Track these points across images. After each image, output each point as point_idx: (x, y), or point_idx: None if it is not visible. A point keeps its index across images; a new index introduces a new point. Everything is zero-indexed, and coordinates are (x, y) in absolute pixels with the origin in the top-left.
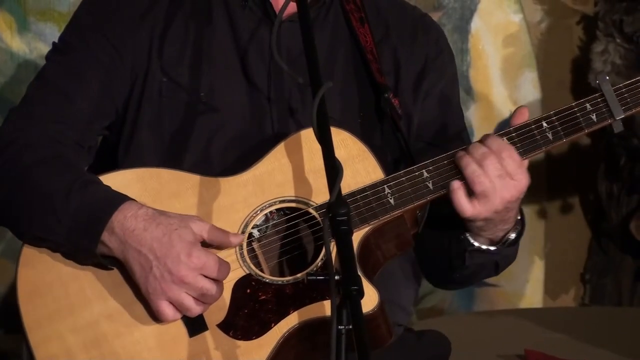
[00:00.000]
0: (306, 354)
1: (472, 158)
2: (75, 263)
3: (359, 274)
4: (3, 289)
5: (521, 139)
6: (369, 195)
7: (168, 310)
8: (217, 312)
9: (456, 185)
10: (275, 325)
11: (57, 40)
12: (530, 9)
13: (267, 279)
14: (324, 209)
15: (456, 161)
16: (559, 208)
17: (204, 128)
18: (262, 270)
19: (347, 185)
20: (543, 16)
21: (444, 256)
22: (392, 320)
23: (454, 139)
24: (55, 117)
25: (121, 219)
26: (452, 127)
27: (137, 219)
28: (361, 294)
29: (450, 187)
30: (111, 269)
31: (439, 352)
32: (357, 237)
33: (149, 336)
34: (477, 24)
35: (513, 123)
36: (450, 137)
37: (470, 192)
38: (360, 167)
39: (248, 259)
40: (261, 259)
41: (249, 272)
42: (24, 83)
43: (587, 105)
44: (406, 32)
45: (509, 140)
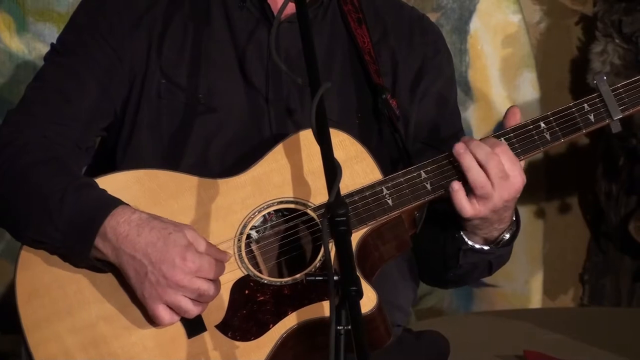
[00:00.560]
0: (305, 354)
1: (474, 159)
2: (73, 265)
3: (358, 274)
4: (2, 289)
5: (519, 140)
6: (367, 196)
7: (165, 314)
8: (215, 313)
9: (456, 186)
10: (273, 326)
11: (56, 42)
12: (529, 10)
13: (266, 280)
14: (322, 210)
15: (458, 158)
16: (558, 208)
17: (202, 129)
18: (260, 272)
19: (345, 186)
20: (542, 16)
21: (438, 255)
22: (391, 321)
23: (451, 139)
24: (53, 118)
25: (114, 225)
26: (449, 128)
27: (130, 224)
28: (360, 294)
29: (451, 188)
30: (107, 272)
31: (437, 353)
32: (355, 238)
33: (147, 337)
34: (476, 25)
35: (507, 124)
36: (447, 138)
37: (469, 192)
38: (358, 168)
39: (246, 260)
40: (259, 260)
41: (247, 273)
42: (22, 83)
43: (585, 106)
44: (404, 33)
45: (506, 141)
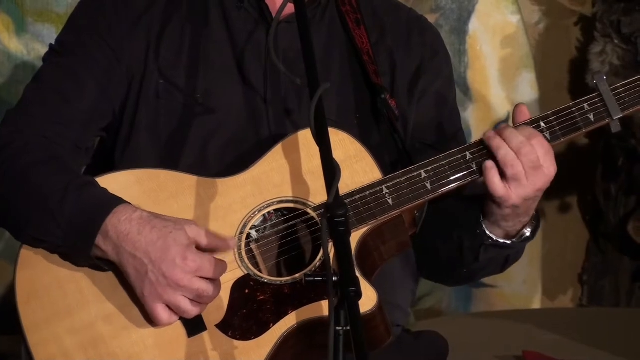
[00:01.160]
0: (304, 354)
1: (507, 144)
2: (73, 265)
3: (358, 274)
4: (2, 289)
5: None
6: (367, 195)
7: (163, 313)
8: (215, 312)
9: (489, 164)
10: (273, 325)
11: (54, 42)
12: (528, 10)
13: (266, 279)
14: (322, 209)
15: (487, 142)
16: (557, 209)
17: (200, 129)
18: (260, 271)
19: (345, 186)
20: (541, 17)
21: (452, 252)
22: (390, 321)
23: (450, 139)
24: (52, 118)
25: (115, 223)
26: (447, 128)
27: (132, 222)
28: (359, 295)
29: (484, 166)
30: (108, 271)
31: (436, 353)
32: (355, 238)
33: (147, 337)
34: (474, 25)
35: (517, 122)
36: (446, 138)
37: (502, 175)
38: (358, 168)
39: (246, 260)
40: (259, 259)
41: (247, 272)
42: (21, 84)
43: (585, 105)
44: (402, 34)
45: None
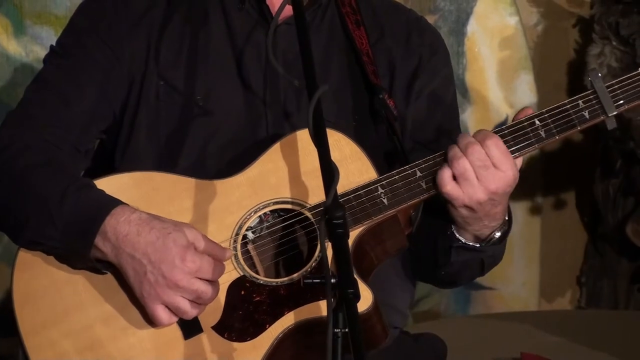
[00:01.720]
0: (301, 354)
1: (456, 145)
2: (70, 268)
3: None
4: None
5: (514, 137)
6: (362, 195)
7: (163, 314)
8: (212, 314)
9: (445, 164)
10: (270, 326)
11: (55, 44)
12: (526, 12)
13: (262, 280)
14: (318, 210)
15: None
16: (555, 211)
17: (199, 131)
18: (256, 272)
19: (340, 186)
20: (539, 19)
21: (431, 253)
22: (388, 322)
23: (447, 139)
24: (52, 120)
25: (114, 224)
26: (444, 128)
27: (130, 223)
28: (357, 296)
29: (440, 166)
30: (105, 273)
31: (435, 355)
32: (351, 238)
33: (144, 339)
34: (473, 27)
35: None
36: (443, 138)
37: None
38: (353, 168)
39: (242, 261)
40: (256, 260)
41: (243, 273)
42: (20, 86)
43: (580, 103)
44: (401, 34)
45: (501, 138)
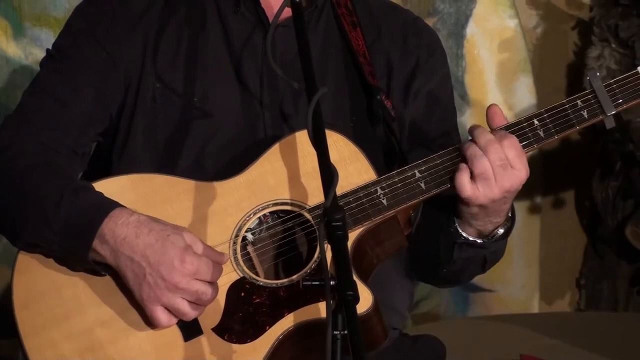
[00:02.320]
0: (301, 356)
1: (476, 144)
2: (70, 270)
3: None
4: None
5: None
6: (362, 196)
7: (163, 316)
8: (211, 315)
9: (462, 166)
10: (269, 328)
11: (51, 47)
12: (525, 14)
13: (261, 282)
14: (317, 211)
15: (461, 148)
16: (555, 213)
17: (197, 134)
18: (256, 274)
19: (339, 187)
20: (538, 21)
21: (433, 251)
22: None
23: (444, 139)
24: (49, 124)
25: (112, 227)
26: (442, 128)
27: (129, 226)
28: (357, 299)
29: (457, 166)
30: (105, 275)
31: (434, 357)
32: (350, 239)
33: (144, 341)
34: (472, 29)
35: (493, 125)
36: (440, 138)
37: (472, 175)
38: (352, 169)
39: (242, 263)
40: (255, 262)
41: (242, 275)
42: (19, 88)
43: (578, 102)
44: (398, 35)
45: None
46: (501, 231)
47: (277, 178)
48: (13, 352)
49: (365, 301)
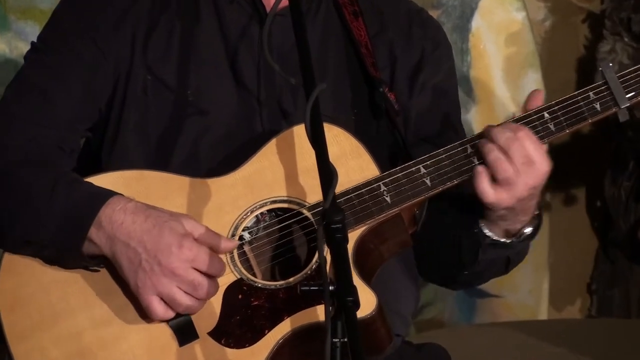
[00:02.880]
0: None
1: (495, 144)
2: (59, 270)
3: (355, 276)
4: None
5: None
6: (364, 193)
7: (158, 306)
8: (207, 319)
9: (480, 169)
10: (269, 331)
11: (36, 39)
12: (533, 7)
13: (260, 283)
14: (317, 209)
15: (479, 147)
16: (565, 216)
17: (191, 128)
18: (254, 275)
19: (340, 184)
20: (547, 14)
21: (451, 253)
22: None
23: (450, 134)
24: (35, 119)
25: (109, 213)
26: (448, 121)
27: (126, 212)
28: (357, 304)
29: (474, 172)
30: (97, 271)
31: None
32: (352, 238)
33: (136, 346)
34: (478, 23)
35: (529, 107)
36: (446, 133)
37: (493, 179)
38: (354, 164)
39: (239, 263)
40: (253, 262)
41: (240, 276)
42: (3, 84)
43: (591, 94)
44: (402, 27)
45: None
46: (528, 230)
47: (275, 175)
48: (1, 356)
49: (368, 303)
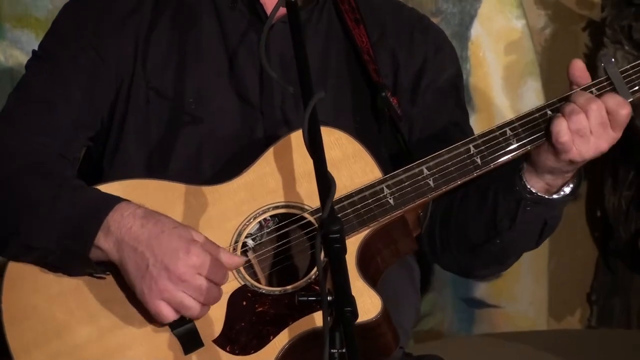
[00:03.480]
0: None
1: (575, 102)
2: (63, 281)
3: (360, 280)
4: None
5: (524, 129)
6: (367, 196)
7: (167, 310)
8: (212, 326)
9: (559, 115)
10: (274, 337)
11: (38, 48)
12: (533, 15)
13: (264, 289)
14: (319, 213)
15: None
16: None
17: (192, 135)
18: (258, 281)
19: (343, 187)
20: (547, 22)
21: (486, 218)
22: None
23: (457, 134)
24: (37, 128)
25: (117, 218)
26: (451, 124)
27: (135, 217)
28: (355, 315)
29: (554, 116)
30: (103, 278)
31: None
32: (356, 241)
33: (141, 355)
34: (477, 30)
35: (574, 79)
36: (449, 134)
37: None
38: (357, 168)
39: (243, 270)
40: (257, 268)
41: (244, 283)
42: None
43: (594, 90)
44: (404, 33)
45: (511, 131)
46: (568, 189)
47: (278, 180)
48: None
49: (373, 307)
